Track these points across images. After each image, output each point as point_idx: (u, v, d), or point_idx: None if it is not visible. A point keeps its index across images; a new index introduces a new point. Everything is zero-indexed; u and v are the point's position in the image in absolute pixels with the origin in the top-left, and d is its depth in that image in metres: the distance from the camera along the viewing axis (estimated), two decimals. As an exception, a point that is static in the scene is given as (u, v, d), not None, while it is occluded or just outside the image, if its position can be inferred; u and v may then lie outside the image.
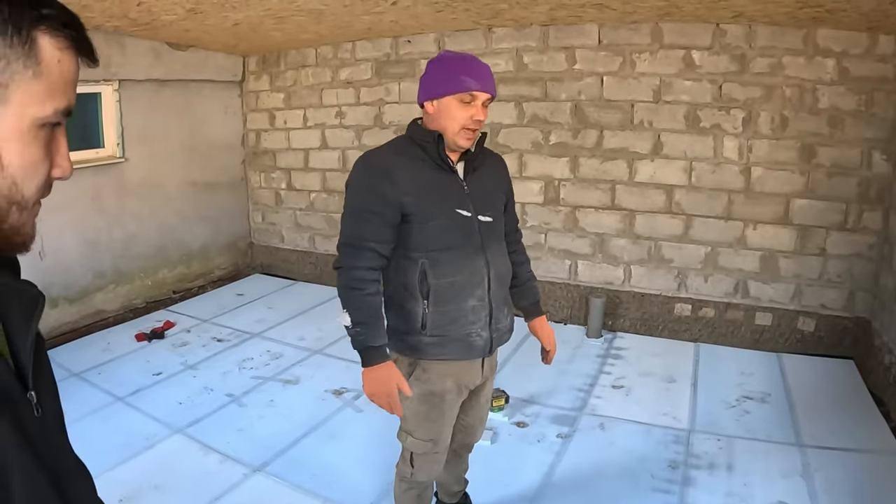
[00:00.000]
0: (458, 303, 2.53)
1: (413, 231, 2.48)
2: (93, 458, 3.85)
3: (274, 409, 4.71)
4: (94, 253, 6.51)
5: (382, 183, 2.43)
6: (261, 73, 8.09)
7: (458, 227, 2.52)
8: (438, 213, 2.49)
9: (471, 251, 2.55)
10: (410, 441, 2.73)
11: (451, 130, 2.44)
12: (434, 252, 2.49)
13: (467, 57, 2.47)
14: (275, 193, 8.30)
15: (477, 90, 2.40)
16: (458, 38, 6.49)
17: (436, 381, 2.63)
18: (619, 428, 4.40)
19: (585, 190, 6.18)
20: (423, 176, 2.49)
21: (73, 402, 4.74)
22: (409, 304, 2.54)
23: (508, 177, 2.88)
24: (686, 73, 5.59)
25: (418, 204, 2.45)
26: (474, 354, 2.64)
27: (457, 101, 2.41)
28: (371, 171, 2.47)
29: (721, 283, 5.81)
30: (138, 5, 5.29)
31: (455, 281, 2.52)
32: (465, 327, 2.57)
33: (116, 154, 6.69)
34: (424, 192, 2.47)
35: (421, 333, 2.55)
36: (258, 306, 7.11)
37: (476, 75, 2.41)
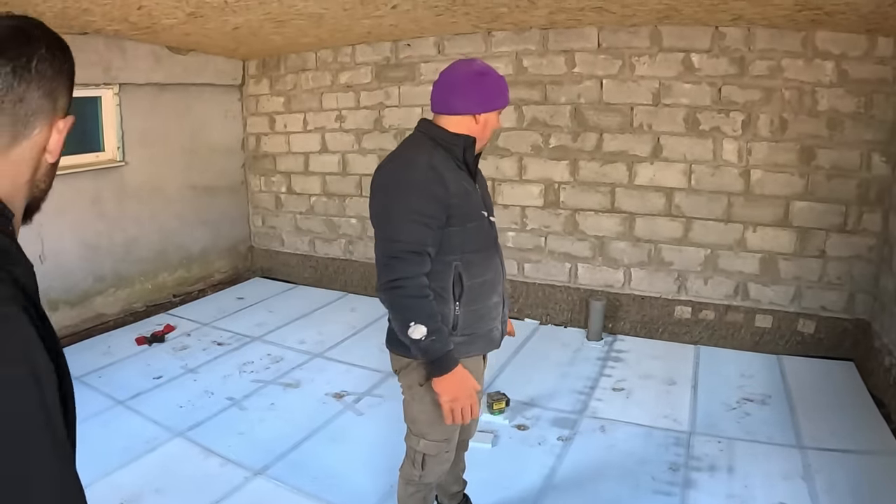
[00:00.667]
0: (484, 300, 2.63)
1: (453, 234, 2.50)
2: (93, 461, 3.89)
3: (275, 413, 4.71)
4: (94, 256, 6.52)
5: (436, 185, 2.43)
6: (261, 76, 8.10)
7: (484, 228, 2.64)
8: (474, 215, 2.58)
9: (492, 251, 2.69)
10: (424, 444, 2.74)
11: (486, 139, 2.64)
12: (468, 254, 2.56)
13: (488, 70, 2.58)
14: (275, 197, 8.30)
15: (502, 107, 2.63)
16: (458, 41, 6.50)
17: None
18: (620, 430, 4.40)
19: (585, 193, 6.18)
20: (461, 179, 2.56)
21: (74, 406, 4.73)
22: (440, 307, 2.52)
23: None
24: (685, 75, 5.60)
25: (461, 206, 2.50)
26: (493, 347, 2.77)
27: (497, 114, 2.61)
28: (425, 173, 2.44)
29: (721, 285, 5.81)
30: (139, 9, 5.31)
31: (486, 280, 2.62)
32: (489, 323, 2.69)
33: (117, 158, 6.71)
34: (462, 194, 2.52)
35: (451, 334, 2.55)
36: (258, 310, 7.10)
37: (506, 91, 2.62)
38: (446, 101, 2.53)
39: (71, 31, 5.93)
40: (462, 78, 2.52)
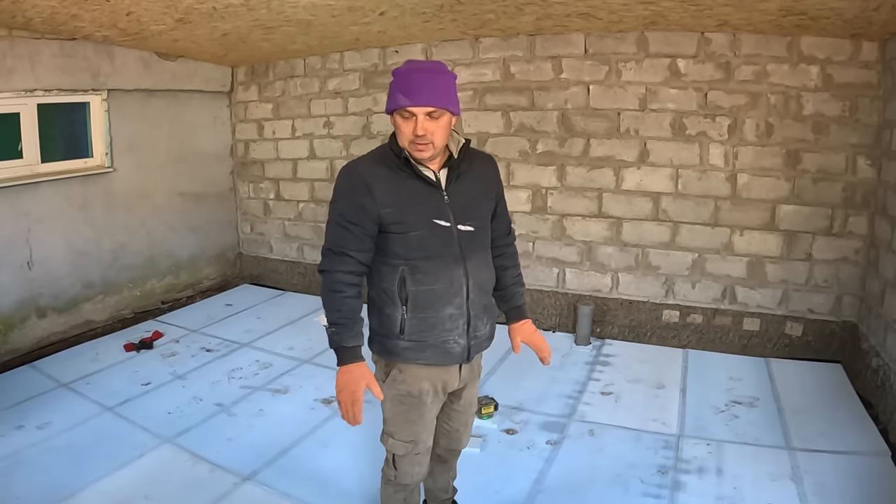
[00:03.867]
0: (435, 310, 2.57)
1: (392, 240, 2.51)
2: (82, 468, 3.87)
3: (264, 419, 4.70)
4: (82, 263, 6.50)
5: (362, 195, 2.46)
6: (249, 83, 8.10)
7: (437, 237, 2.54)
8: (416, 224, 2.51)
9: (449, 261, 2.56)
10: (391, 442, 2.76)
11: (403, 144, 2.48)
12: (413, 260, 2.52)
13: (409, 70, 2.46)
14: (263, 204, 8.30)
15: (409, 106, 2.40)
16: (446, 48, 6.52)
17: (412, 383, 2.65)
18: (609, 434, 4.41)
19: (572, 198, 6.20)
20: (402, 187, 2.50)
21: (61, 413, 4.74)
22: (388, 309, 2.58)
23: (498, 180, 2.86)
24: (672, 81, 5.63)
25: (396, 215, 2.47)
26: (451, 361, 2.67)
27: (399, 116, 2.45)
28: (352, 182, 2.50)
29: (708, 289, 5.84)
30: (127, 15, 5.31)
31: (433, 289, 2.55)
32: (442, 334, 2.60)
33: (105, 164, 6.69)
34: (402, 203, 2.49)
35: (399, 338, 2.58)
36: (247, 316, 7.09)
37: (408, 90, 2.40)
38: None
39: (60, 37, 5.93)
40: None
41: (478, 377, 2.98)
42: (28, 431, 4.49)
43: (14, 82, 5.69)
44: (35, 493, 3.72)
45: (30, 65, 5.78)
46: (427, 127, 2.41)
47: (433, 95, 2.41)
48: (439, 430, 2.96)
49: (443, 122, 2.44)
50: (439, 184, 2.57)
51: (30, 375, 5.50)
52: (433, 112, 2.40)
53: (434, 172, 2.57)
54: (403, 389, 2.66)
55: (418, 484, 2.96)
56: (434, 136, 2.43)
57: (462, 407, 2.95)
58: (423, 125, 2.40)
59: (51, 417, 4.68)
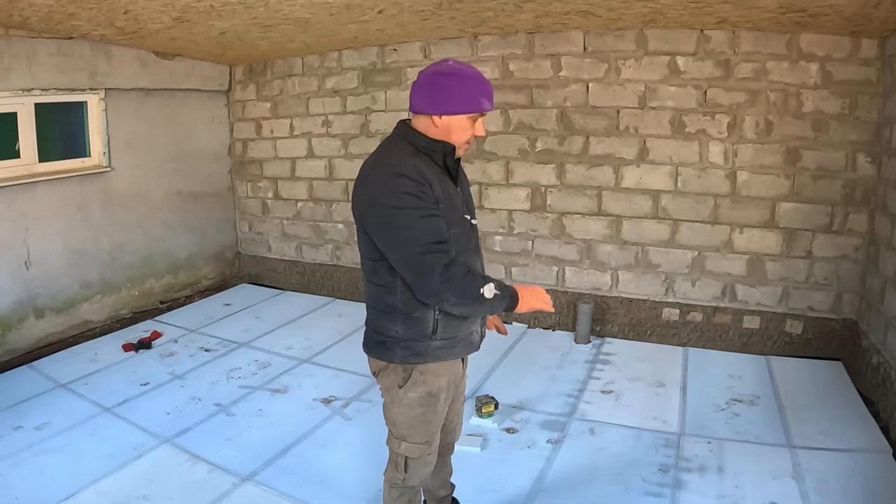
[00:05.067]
0: None
1: None
2: (80, 469, 3.88)
3: (262, 419, 4.69)
4: (80, 263, 6.49)
5: (427, 189, 2.40)
6: (247, 82, 8.08)
7: (466, 232, 2.60)
8: (456, 221, 2.53)
9: (473, 254, 2.65)
10: (405, 446, 2.72)
11: (457, 144, 2.53)
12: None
13: (479, 75, 2.50)
14: (262, 203, 8.28)
15: (488, 111, 2.51)
16: (445, 46, 6.50)
17: (432, 382, 2.64)
18: (609, 432, 4.40)
19: (572, 196, 6.18)
20: (442, 184, 2.50)
21: (59, 413, 4.73)
22: (419, 312, 2.54)
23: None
24: (671, 78, 5.62)
25: (445, 212, 2.46)
26: (472, 350, 2.76)
27: (468, 118, 2.48)
28: (413, 177, 2.38)
29: (708, 287, 5.82)
30: (125, 13, 5.29)
31: None
32: (470, 326, 2.67)
33: (102, 163, 6.67)
34: (448, 199, 2.50)
35: (431, 339, 2.57)
36: (246, 316, 7.08)
37: (490, 95, 2.49)
38: (412, 98, 2.52)
39: (57, 36, 5.91)
40: (425, 76, 2.48)
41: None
42: (26, 432, 4.47)
43: (11, 81, 5.67)
44: (33, 494, 3.71)
45: (27, 64, 5.76)
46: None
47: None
48: None
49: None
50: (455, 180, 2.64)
51: (28, 376, 5.48)
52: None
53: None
54: (423, 391, 2.64)
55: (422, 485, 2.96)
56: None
57: (459, 399, 3.01)
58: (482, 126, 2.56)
59: (49, 418, 4.67)
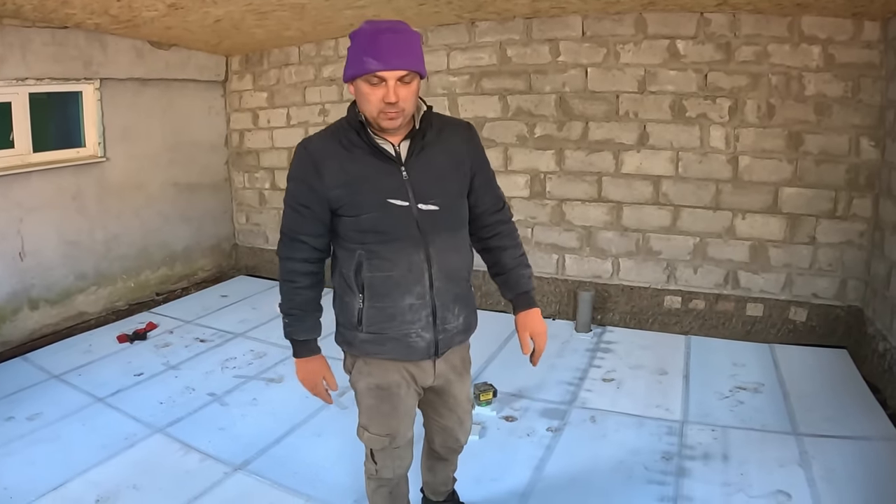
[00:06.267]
0: (393, 300, 2.39)
1: (345, 223, 2.35)
2: (71, 459, 3.82)
3: (257, 408, 4.65)
4: (75, 254, 6.46)
5: (311, 176, 2.33)
6: (244, 72, 8.03)
7: (393, 218, 2.33)
8: (369, 206, 2.32)
9: (407, 244, 2.36)
10: (367, 436, 2.62)
11: (370, 114, 2.25)
12: (369, 244, 2.35)
13: (376, 30, 2.18)
14: (259, 194, 8.23)
15: (380, 70, 2.15)
16: (442, 32, 6.44)
17: (379, 375, 2.51)
18: (611, 420, 4.33)
19: (572, 183, 6.12)
20: (354, 164, 2.32)
21: (52, 404, 4.71)
22: (347, 297, 2.44)
23: (475, 149, 2.58)
24: (671, 62, 5.54)
25: (347, 197, 2.31)
26: (415, 356, 2.48)
27: (365, 82, 2.20)
28: (302, 162, 2.36)
29: (711, 274, 5.76)
30: (119, 1, 5.25)
31: (390, 276, 2.37)
32: (403, 327, 2.42)
33: (98, 154, 6.64)
34: (353, 183, 2.31)
35: (357, 329, 2.44)
36: (242, 307, 7.05)
37: (377, 53, 2.14)
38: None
39: (51, 25, 5.88)
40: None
41: (465, 372, 2.78)
42: (18, 423, 4.45)
43: (5, 71, 5.64)
44: (22, 484, 3.67)
45: (21, 53, 5.72)
46: (400, 93, 2.18)
47: (407, 57, 2.18)
48: (433, 427, 2.85)
49: (414, 86, 2.22)
50: (398, 158, 2.36)
51: (21, 368, 5.46)
52: (405, 76, 2.18)
53: (393, 146, 2.36)
54: (372, 382, 2.52)
55: (403, 476, 2.84)
56: (406, 102, 2.22)
57: (451, 403, 2.76)
58: (397, 91, 2.17)
59: (41, 409, 4.64)
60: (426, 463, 3.11)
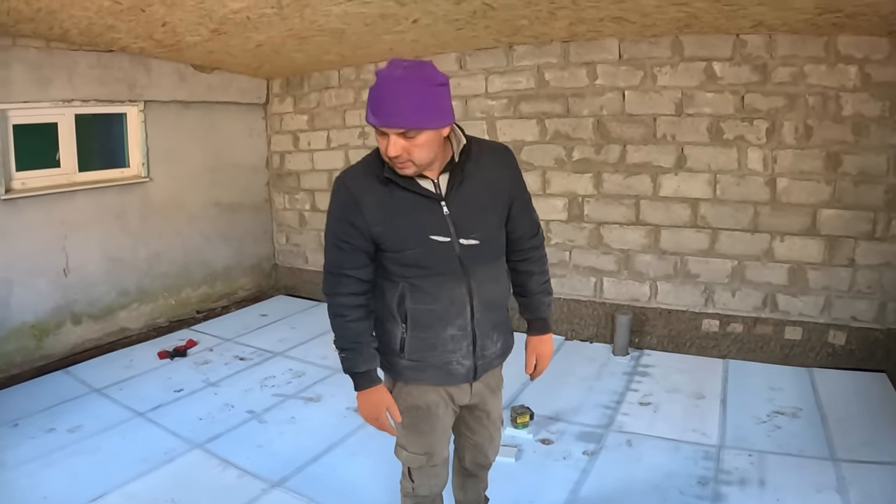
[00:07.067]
0: (435, 331, 2.43)
1: (387, 258, 2.37)
2: (110, 472, 3.88)
3: (295, 426, 4.69)
4: (118, 271, 6.60)
5: (351, 213, 2.32)
6: (284, 95, 8.15)
7: (435, 254, 2.34)
8: (411, 242, 2.33)
9: (450, 278, 2.38)
10: (405, 455, 2.67)
11: (385, 158, 2.24)
12: (411, 278, 2.38)
13: (384, 79, 2.12)
14: (299, 215, 8.32)
15: (376, 125, 2.15)
16: (480, 56, 6.49)
17: (418, 396, 2.55)
18: (647, 444, 4.31)
19: (609, 206, 6.12)
20: (393, 200, 2.31)
21: (92, 417, 4.81)
22: (389, 325, 2.48)
23: (514, 176, 2.56)
24: (708, 84, 5.53)
25: (388, 234, 2.32)
26: (455, 381, 2.54)
27: (375, 131, 2.19)
28: (342, 199, 2.35)
29: (749, 297, 5.70)
30: (163, 26, 5.38)
31: (433, 309, 2.40)
32: (445, 355, 2.46)
33: (141, 174, 6.80)
34: (394, 219, 2.31)
35: (398, 356, 2.49)
36: (281, 326, 7.11)
37: (375, 107, 2.13)
38: None
39: (97, 49, 6.04)
40: None
41: (498, 390, 2.81)
42: (58, 434, 4.55)
43: (52, 93, 5.81)
44: (62, 494, 3.75)
45: (67, 76, 5.89)
46: (400, 146, 2.14)
47: (404, 114, 2.10)
48: (464, 443, 2.88)
49: (420, 140, 2.14)
50: (438, 193, 2.34)
51: (63, 380, 5.57)
52: (407, 131, 2.12)
53: (433, 181, 2.34)
54: (410, 402, 2.56)
55: (439, 494, 2.87)
56: (412, 154, 2.17)
57: (484, 421, 2.80)
58: (396, 145, 2.14)
59: (82, 421, 4.74)
60: (457, 481, 3.13)
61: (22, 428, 4.70)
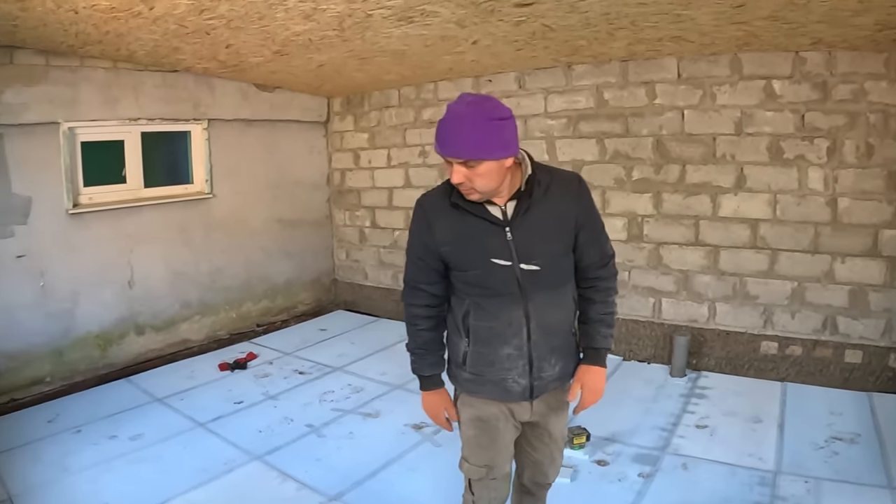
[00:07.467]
0: (493, 348, 2.54)
1: (455, 276, 2.56)
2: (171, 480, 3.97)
3: (353, 441, 4.74)
4: (181, 284, 6.79)
5: (425, 232, 2.54)
6: (345, 113, 8.29)
7: (496, 277, 2.46)
8: (474, 264, 2.48)
9: (509, 300, 2.48)
10: (467, 467, 2.75)
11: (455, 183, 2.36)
12: (475, 297, 2.53)
13: (449, 113, 2.28)
14: (359, 231, 8.43)
15: (441, 154, 2.31)
16: (539, 75, 6.53)
17: (480, 407, 2.66)
18: (703, 468, 4.26)
19: (669, 226, 6.09)
20: (461, 224, 2.46)
21: (154, 426, 4.94)
22: (455, 338, 2.64)
23: (583, 205, 2.60)
24: (767, 103, 5.48)
25: (454, 254, 2.51)
26: (511, 398, 2.62)
27: (444, 160, 2.34)
28: (418, 219, 2.59)
29: (808, 319, 5.61)
30: (227, 48, 5.50)
31: (492, 327, 2.52)
32: (501, 372, 2.56)
33: (205, 190, 6.98)
34: (461, 241, 2.48)
35: (461, 367, 2.64)
36: (340, 341, 7.19)
37: (440, 138, 2.29)
38: None
39: (162, 69, 6.22)
40: None
41: (562, 409, 2.84)
42: (120, 441, 4.69)
43: (119, 111, 6.02)
44: (122, 501, 3.87)
45: (134, 95, 6.10)
46: (462, 174, 2.29)
47: (463, 146, 2.24)
48: (524, 460, 2.91)
49: (481, 170, 2.27)
50: (504, 219, 2.44)
51: (126, 389, 5.74)
52: (468, 161, 2.25)
53: (500, 207, 2.45)
54: (472, 413, 2.68)
55: None
56: (474, 182, 2.30)
57: (546, 438, 2.83)
58: (458, 173, 2.29)
59: (143, 429, 4.87)
60: (515, 498, 3.15)
61: (85, 434, 4.85)
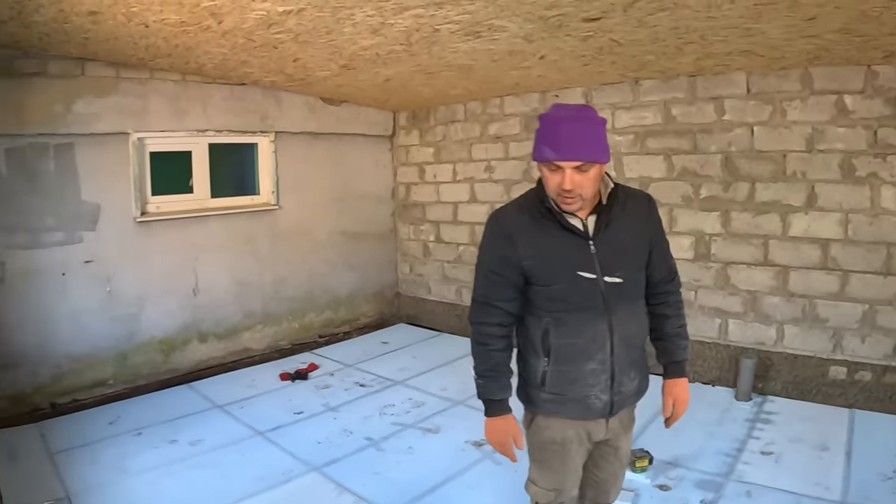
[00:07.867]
0: (577, 364, 2.52)
1: (535, 291, 2.51)
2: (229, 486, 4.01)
3: (412, 456, 4.73)
4: (245, 293, 6.90)
5: (504, 246, 2.51)
6: (411, 128, 8.34)
7: (581, 290, 2.46)
8: (559, 277, 2.47)
9: (593, 314, 2.49)
10: (534, 490, 2.73)
11: (551, 195, 2.41)
12: (556, 312, 2.50)
13: (557, 118, 2.32)
14: (423, 245, 8.46)
15: (555, 160, 2.30)
16: (606, 91, 6.48)
17: (556, 430, 2.62)
18: (767, 497, 4.13)
19: (737, 245, 5.96)
20: (545, 237, 2.47)
21: (213, 432, 5.00)
22: (532, 359, 2.59)
23: (654, 223, 2.70)
24: (839, 119, 5.33)
25: (539, 268, 2.47)
26: (592, 416, 2.60)
27: (545, 167, 2.36)
28: (495, 233, 2.57)
29: (879, 344, 5.41)
30: (294, 61, 5.58)
31: (575, 343, 2.50)
32: (584, 389, 2.54)
33: (271, 202, 7.09)
34: (545, 255, 2.47)
35: (540, 389, 2.58)
36: (402, 355, 7.20)
37: (555, 143, 2.29)
38: None
39: (230, 82, 6.35)
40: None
41: (630, 427, 2.84)
42: (180, 446, 4.76)
43: (187, 123, 6.18)
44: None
45: (202, 107, 6.25)
46: (575, 180, 2.30)
47: (582, 148, 2.28)
48: (587, 479, 2.86)
49: (592, 174, 2.32)
50: (586, 233, 2.48)
51: (187, 395, 5.84)
52: (582, 165, 2.29)
53: (581, 220, 2.48)
54: (547, 436, 2.64)
55: None
56: (583, 189, 2.33)
57: (612, 457, 2.82)
58: (571, 179, 2.30)
59: (203, 435, 4.94)
60: None
61: (145, 437, 4.95)
